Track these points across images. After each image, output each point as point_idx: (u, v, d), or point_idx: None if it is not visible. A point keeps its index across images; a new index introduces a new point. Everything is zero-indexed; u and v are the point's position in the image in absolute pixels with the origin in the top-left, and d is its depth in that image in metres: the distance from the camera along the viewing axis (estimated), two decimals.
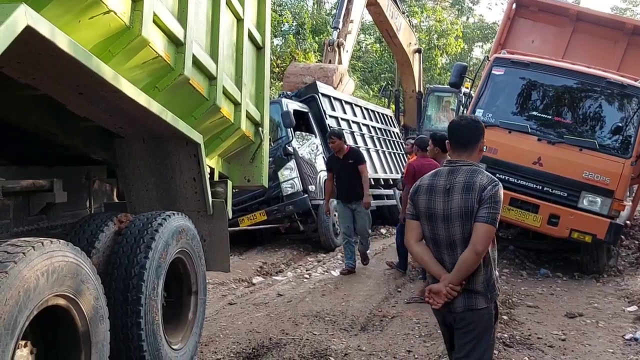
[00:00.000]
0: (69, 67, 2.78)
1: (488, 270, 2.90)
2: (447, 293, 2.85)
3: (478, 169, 2.93)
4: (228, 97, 4.72)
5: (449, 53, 27.83)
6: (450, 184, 2.90)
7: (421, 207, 2.97)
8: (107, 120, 3.86)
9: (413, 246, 3.04)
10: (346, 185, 7.66)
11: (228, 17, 4.66)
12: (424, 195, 2.97)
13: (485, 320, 2.92)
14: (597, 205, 7.66)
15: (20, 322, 2.35)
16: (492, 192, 2.81)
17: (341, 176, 7.64)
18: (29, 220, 3.55)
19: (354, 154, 7.80)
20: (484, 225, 2.79)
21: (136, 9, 3.10)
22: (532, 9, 9.44)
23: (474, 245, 2.79)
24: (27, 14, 2.29)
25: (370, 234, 8.05)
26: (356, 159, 7.67)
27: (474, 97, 8.60)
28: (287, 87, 11.85)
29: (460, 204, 2.85)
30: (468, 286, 2.87)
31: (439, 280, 2.90)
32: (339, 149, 7.58)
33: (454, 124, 3.08)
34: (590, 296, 7.17)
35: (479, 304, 2.89)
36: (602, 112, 8.00)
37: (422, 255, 2.99)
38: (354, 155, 7.78)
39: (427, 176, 3.05)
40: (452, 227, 2.87)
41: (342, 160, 7.60)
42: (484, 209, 2.80)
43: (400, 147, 14.34)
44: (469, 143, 2.98)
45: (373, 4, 14.41)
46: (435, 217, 2.92)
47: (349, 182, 7.61)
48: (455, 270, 2.85)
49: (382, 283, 7.46)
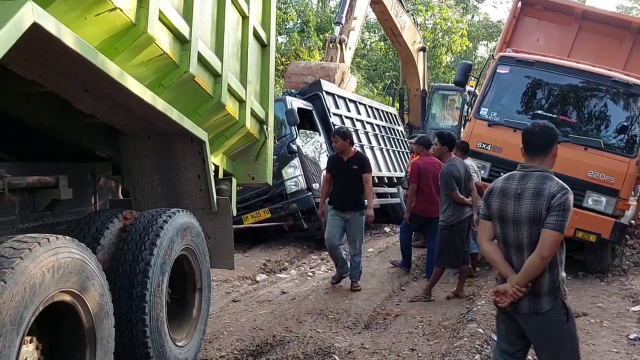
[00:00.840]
0: (75, 64, 2.78)
1: (554, 273, 2.99)
2: (513, 294, 2.97)
3: (549, 175, 3.04)
4: (233, 95, 4.72)
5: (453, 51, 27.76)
6: (521, 189, 3.02)
7: (494, 208, 3.11)
8: (113, 117, 3.86)
9: (484, 245, 3.18)
10: (344, 191, 6.75)
11: (233, 15, 4.66)
12: (496, 198, 3.11)
13: (555, 321, 3.00)
14: (602, 204, 7.65)
15: (26, 318, 2.36)
16: (561, 200, 2.91)
17: (340, 180, 6.76)
18: (35, 216, 3.56)
19: (360, 160, 6.90)
20: (551, 232, 2.90)
21: (142, 6, 3.10)
22: (538, 8, 9.42)
23: (540, 251, 2.90)
24: (34, 11, 2.29)
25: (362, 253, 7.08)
26: (361, 165, 6.80)
27: (478, 96, 8.59)
28: (289, 86, 11.82)
29: (529, 209, 2.96)
30: (534, 287, 2.97)
31: (506, 280, 3.02)
32: (343, 149, 6.76)
33: (527, 130, 3.21)
34: (595, 296, 7.16)
35: (544, 307, 2.98)
36: (608, 111, 7.98)
37: (492, 255, 3.14)
38: (360, 161, 6.88)
39: (500, 179, 3.20)
40: (521, 231, 2.99)
41: (345, 163, 6.76)
42: (552, 216, 2.90)
43: (404, 145, 14.32)
44: (541, 149, 3.11)
45: (377, 2, 14.32)
46: (506, 220, 3.05)
47: (349, 189, 6.75)
48: (521, 273, 2.96)
49: (386, 281, 7.47)
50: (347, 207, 6.75)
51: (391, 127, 14.24)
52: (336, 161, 6.92)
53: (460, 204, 6.45)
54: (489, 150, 8.06)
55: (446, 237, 6.50)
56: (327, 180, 6.94)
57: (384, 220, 12.87)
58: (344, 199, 6.75)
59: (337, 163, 6.87)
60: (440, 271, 6.75)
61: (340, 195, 6.77)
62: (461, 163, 6.69)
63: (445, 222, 6.51)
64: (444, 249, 6.54)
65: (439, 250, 6.60)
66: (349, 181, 6.72)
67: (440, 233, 6.58)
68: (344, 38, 12.91)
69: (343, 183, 6.75)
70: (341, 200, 6.77)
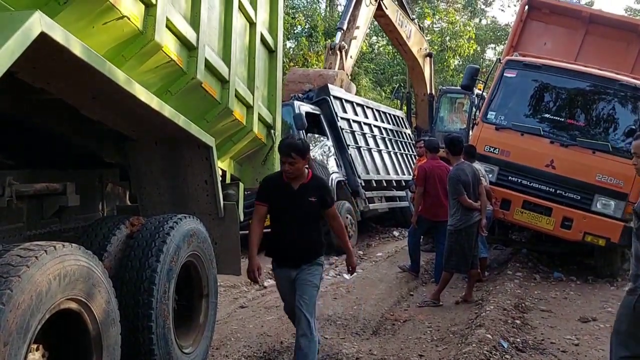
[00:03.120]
0: (82, 72, 2.80)
1: None
2: None
3: None
4: (240, 100, 4.73)
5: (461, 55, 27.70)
6: None
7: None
8: (120, 123, 3.88)
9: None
10: (293, 238, 4.17)
11: (240, 21, 4.68)
12: None
13: None
14: (611, 208, 7.61)
15: (33, 326, 2.36)
16: None
17: (285, 219, 4.20)
18: (42, 223, 3.58)
19: (319, 187, 4.30)
20: None
21: (149, 14, 3.13)
22: (545, 11, 9.40)
23: None
24: (42, 21, 2.31)
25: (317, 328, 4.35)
26: (322, 195, 4.22)
27: (486, 99, 8.58)
28: (287, 95, 11.79)
29: None
30: None
31: None
32: (296, 174, 4.11)
33: None
34: (604, 300, 7.11)
35: None
36: (615, 114, 7.95)
37: None
38: (320, 188, 4.28)
39: None
40: None
41: (295, 192, 4.14)
42: None
43: (411, 149, 14.30)
44: None
45: (382, 15, 14.28)
46: None
47: (301, 235, 4.17)
48: None
49: (394, 286, 7.44)
50: (300, 260, 4.18)
51: (399, 130, 14.24)
52: (278, 188, 4.19)
53: (468, 208, 6.43)
54: (497, 154, 8.04)
55: (454, 241, 6.48)
56: (260, 218, 4.22)
57: (393, 224, 12.86)
58: (293, 249, 4.18)
59: (280, 191, 4.17)
60: (449, 276, 6.72)
61: (286, 243, 4.20)
62: (469, 167, 6.66)
63: (453, 226, 6.48)
64: (452, 253, 6.51)
65: (447, 255, 6.57)
66: (302, 221, 4.18)
67: (449, 237, 6.55)
68: (344, 45, 12.79)
69: (291, 224, 4.17)
70: (288, 251, 4.21)
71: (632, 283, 3.25)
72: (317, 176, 4.54)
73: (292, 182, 4.15)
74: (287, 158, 4.05)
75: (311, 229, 4.25)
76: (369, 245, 10.96)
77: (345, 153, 10.83)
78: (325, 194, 4.31)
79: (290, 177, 4.12)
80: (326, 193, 4.34)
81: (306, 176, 4.20)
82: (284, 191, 4.16)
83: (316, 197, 4.18)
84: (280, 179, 4.22)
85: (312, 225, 4.26)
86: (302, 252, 4.20)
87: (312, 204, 4.17)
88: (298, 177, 4.14)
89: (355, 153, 11.14)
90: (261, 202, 4.21)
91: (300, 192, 4.15)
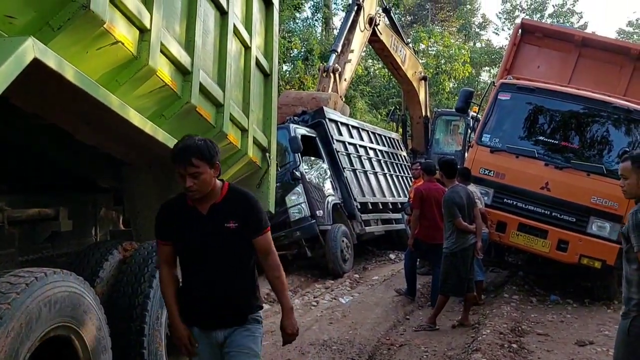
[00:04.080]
0: (76, 98, 2.80)
1: None
2: None
3: None
4: (235, 124, 4.74)
5: (456, 78, 27.95)
6: None
7: None
8: (114, 148, 3.88)
9: None
10: (210, 284, 2.89)
11: (235, 45, 4.71)
12: None
13: None
14: (606, 230, 7.60)
15: (22, 354, 2.34)
16: None
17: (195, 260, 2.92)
18: (34, 248, 3.56)
19: (240, 204, 2.95)
20: None
21: (144, 39, 3.14)
22: (538, 35, 9.49)
23: None
24: (35, 47, 2.32)
25: None
26: (244, 217, 2.92)
27: (480, 122, 8.61)
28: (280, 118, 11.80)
29: None
30: None
31: None
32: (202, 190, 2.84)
33: None
34: (601, 323, 7.06)
35: None
36: (609, 137, 7.98)
37: None
38: (241, 206, 2.94)
39: None
40: None
41: (204, 218, 2.89)
42: None
43: (406, 171, 14.34)
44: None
45: (376, 40, 14.38)
46: None
47: (221, 277, 2.90)
48: None
49: (391, 310, 7.38)
50: (221, 321, 2.92)
51: (394, 152, 14.28)
52: (180, 215, 2.93)
53: (463, 231, 6.41)
54: (492, 176, 8.05)
55: (450, 264, 6.45)
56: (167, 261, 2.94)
57: (389, 247, 12.82)
58: (212, 304, 2.90)
59: (184, 219, 2.91)
60: (445, 299, 6.68)
61: (200, 296, 2.90)
62: (464, 190, 6.66)
63: (449, 249, 6.46)
64: (448, 276, 6.47)
65: (443, 278, 6.54)
66: (220, 260, 2.90)
67: (444, 260, 6.52)
68: (337, 67, 12.77)
69: (204, 266, 2.89)
70: (204, 308, 2.90)
71: (625, 307, 3.23)
72: (237, 189, 2.98)
73: (199, 203, 2.85)
74: (185, 167, 2.72)
75: (235, 270, 2.89)
76: (365, 269, 10.91)
77: (341, 176, 10.84)
78: (250, 214, 2.88)
79: (195, 196, 2.80)
80: (251, 212, 2.89)
81: (219, 192, 2.87)
82: (188, 219, 2.85)
83: (236, 221, 2.84)
84: (182, 202, 2.88)
85: (237, 265, 2.89)
86: (225, 308, 2.86)
87: (230, 231, 2.83)
88: (207, 195, 2.83)
89: (351, 175, 11.16)
90: (162, 240, 2.91)
91: (211, 217, 2.84)
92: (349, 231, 10.45)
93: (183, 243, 2.88)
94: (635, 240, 3.09)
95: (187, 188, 2.77)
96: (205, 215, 2.86)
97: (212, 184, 2.83)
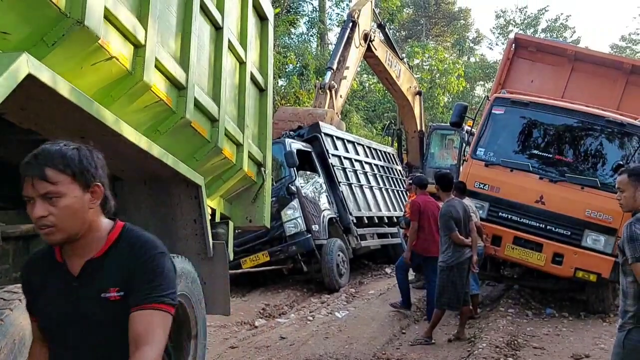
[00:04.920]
0: (70, 113, 2.80)
1: None
2: None
3: None
4: (230, 139, 4.75)
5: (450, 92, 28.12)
6: None
7: None
8: (109, 163, 3.86)
9: None
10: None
11: (230, 61, 4.73)
12: None
13: None
14: (601, 243, 7.62)
15: None
16: None
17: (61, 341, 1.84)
18: None
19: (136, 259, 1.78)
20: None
21: (138, 55, 3.15)
22: (531, 50, 9.58)
23: None
24: (29, 62, 2.32)
25: None
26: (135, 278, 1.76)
27: (475, 136, 8.65)
28: (276, 134, 11.83)
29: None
30: None
31: None
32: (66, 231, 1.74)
33: None
34: (597, 336, 7.05)
35: None
36: (603, 150, 8.03)
37: None
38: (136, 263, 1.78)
39: None
40: None
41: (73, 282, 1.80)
42: None
43: (402, 185, 14.36)
44: None
45: (371, 56, 14.50)
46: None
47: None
48: None
49: (386, 325, 7.37)
50: None
51: (390, 166, 14.32)
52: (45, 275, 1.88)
53: (460, 244, 6.42)
54: (487, 190, 8.08)
55: (446, 278, 6.45)
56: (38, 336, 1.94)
57: (385, 261, 12.80)
58: None
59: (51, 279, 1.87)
60: (441, 313, 6.67)
61: None
62: (460, 203, 6.68)
63: (445, 263, 6.46)
64: (443, 290, 6.47)
65: (439, 292, 6.53)
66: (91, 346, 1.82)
67: (440, 274, 6.52)
68: (333, 84, 12.89)
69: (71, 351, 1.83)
70: None
71: (621, 319, 3.23)
72: (135, 235, 1.88)
73: (71, 257, 1.85)
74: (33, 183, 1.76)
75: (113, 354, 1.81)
76: (361, 283, 10.88)
77: (337, 190, 10.85)
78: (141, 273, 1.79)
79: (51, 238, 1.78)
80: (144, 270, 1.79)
81: (103, 238, 1.84)
82: (53, 282, 1.86)
83: (122, 288, 1.78)
84: (50, 256, 1.89)
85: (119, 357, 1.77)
86: None
87: (109, 305, 1.78)
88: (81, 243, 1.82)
89: (346, 190, 11.17)
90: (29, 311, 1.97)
91: (84, 281, 1.82)
92: (344, 245, 10.44)
93: (45, 318, 1.87)
94: (629, 252, 3.10)
95: (36, 220, 1.74)
96: (76, 276, 1.82)
97: (84, 221, 1.78)
